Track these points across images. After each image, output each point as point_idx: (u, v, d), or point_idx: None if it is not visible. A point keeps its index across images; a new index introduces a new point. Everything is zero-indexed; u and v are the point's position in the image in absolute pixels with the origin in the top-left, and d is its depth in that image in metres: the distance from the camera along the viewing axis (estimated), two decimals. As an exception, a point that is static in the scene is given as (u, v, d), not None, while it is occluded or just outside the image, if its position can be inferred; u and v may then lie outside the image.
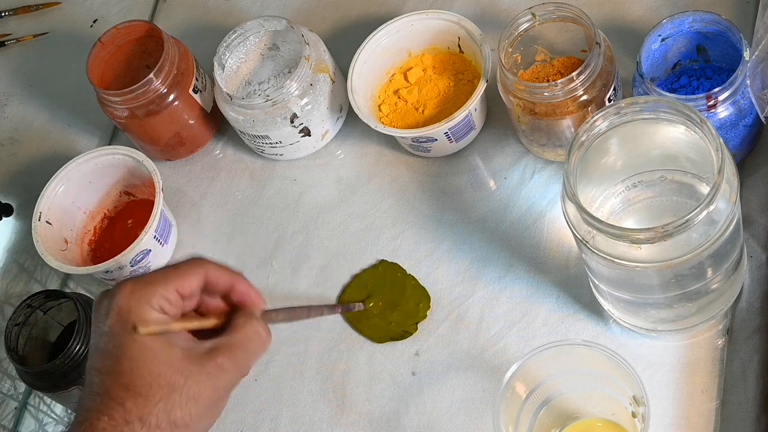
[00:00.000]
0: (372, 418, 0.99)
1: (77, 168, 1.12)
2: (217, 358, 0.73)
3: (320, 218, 1.10)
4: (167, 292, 0.74)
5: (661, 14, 1.06)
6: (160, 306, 0.73)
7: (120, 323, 0.72)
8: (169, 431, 0.71)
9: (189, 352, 0.73)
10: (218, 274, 0.77)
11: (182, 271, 0.75)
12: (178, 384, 0.71)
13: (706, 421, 0.90)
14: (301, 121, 1.08)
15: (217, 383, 0.73)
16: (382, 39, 1.10)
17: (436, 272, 1.03)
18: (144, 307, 0.72)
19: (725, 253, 0.84)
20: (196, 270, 0.76)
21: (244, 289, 0.78)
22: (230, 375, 0.73)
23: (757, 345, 0.90)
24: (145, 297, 0.73)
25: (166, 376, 0.71)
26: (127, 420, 0.70)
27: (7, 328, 1.02)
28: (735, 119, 0.92)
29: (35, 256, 1.11)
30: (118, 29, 1.14)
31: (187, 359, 0.72)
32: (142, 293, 0.73)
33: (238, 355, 0.74)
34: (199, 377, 0.72)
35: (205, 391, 0.72)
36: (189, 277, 0.75)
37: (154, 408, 0.70)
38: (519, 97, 0.98)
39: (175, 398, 0.71)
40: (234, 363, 0.74)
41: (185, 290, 0.75)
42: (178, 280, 0.74)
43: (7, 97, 1.31)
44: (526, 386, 0.88)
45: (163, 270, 0.75)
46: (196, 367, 0.72)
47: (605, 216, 0.88)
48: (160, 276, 0.74)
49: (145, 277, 0.74)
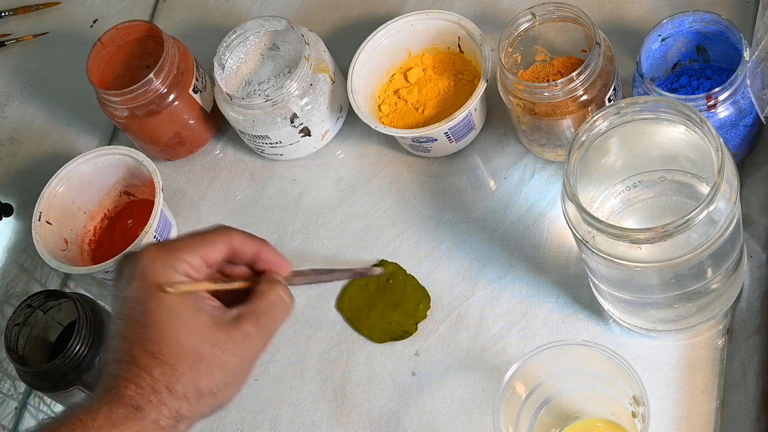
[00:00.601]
0: (372, 418, 0.99)
1: (77, 168, 1.12)
2: (243, 325, 0.72)
3: (320, 218, 1.10)
4: (192, 259, 0.73)
5: (661, 14, 1.06)
6: (185, 271, 0.72)
7: (145, 287, 0.71)
8: (195, 399, 0.70)
9: (216, 320, 0.72)
10: (243, 243, 0.76)
11: (208, 239, 0.74)
12: (205, 353, 0.70)
13: (706, 421, 0.90)
14: (301, 121, 1.08)
15: (244, 351, 0.72)
16: (382, 39, 1.10)
17: (436, 272, 1.03)
18: (169, 271, 0.71)
19: (725, 253, 0.84)
20: (221, 238, 0.75)
21: (269, 257, 0.77)
22: (256, 342, 0.73)
23: (757, 345, 0.90)
24: (170, 261, 0.72)
25: (193, 345, 0.70)
26: (155, 389, 0.69)
27: (7, 328, 1.02)
28: (735, 119, 0.92)
29: (35, 256, 1.11)
30: (118, 29, 1.14)
31: (214, 327, 0.71)
32: (166, 258, 0.72)
33: (263, 322, 0.73)
34: (225, 345, 0.71)
35: (231, 359, 0.71)
36: (215, 245, 0.74)
37: (181, 377, 0.69)
38: (519, 97, 0.98)
39: (202, 367, 0.70)
40: (260, 330, 0.73)
41: (210, 258, 0.74)
42: (204, 248, 0.73)
43: (7, 97, 1.31)
44: (526, 386, 0.88)
45: (188, 236, 0.74)
46: (222, 335, 0.71)
47: (605, 216, 0.88)
48: (185, 242, 0.73)
49: (171, 243, 0.73)
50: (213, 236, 0.75)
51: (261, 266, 0.77)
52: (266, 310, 0.74)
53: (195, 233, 0.75)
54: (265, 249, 0.77)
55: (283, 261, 0.77)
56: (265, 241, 0.77)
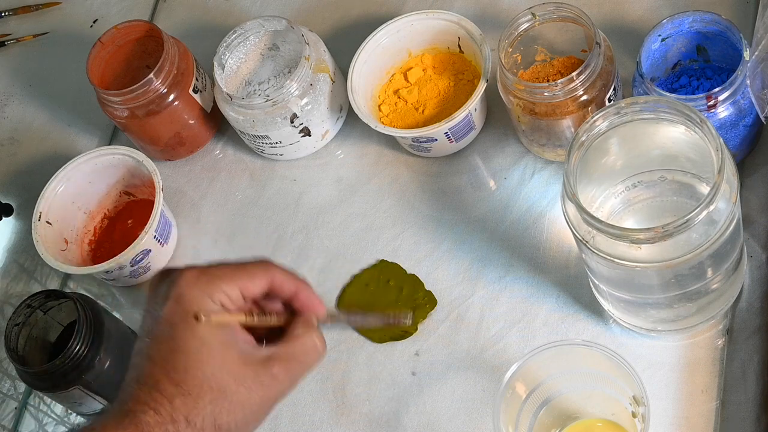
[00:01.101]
0: (372, 418, 0.98)
1: (77, 168, 1.12)
2: (272, 367, 0.71)
3: (320, 218, 1.10)
4: (230, 290, 0.71)
5: (661, 14, 1.06)
6: (221, 301, 0.71)
7: (179, 312, 0.70)
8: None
9: (246, 357, 0.70)
10: (284, 280, 0.74)
11: (249, 272, 0.73)
12: (230, 389, 0.69)
13: (706, 421, 0.90)
14: (301, 121, 1.08)
15: (269, 393, 0.71)
16: (382, 39, 1.10)
17: (436, 272, 1.03)
18: (205, 298, 0.70)
19: (725, 253, 0.84)
20: (263, 273, 0.73)
21: (307, 298, 0.75)
22: (282, 386, 0.72)
23: (757, 345, 0.90)
24: (208, 289, 0.70)
25: (218, 379, 0.69)
26: (174, 418, 0.68)
27: (7, 328, 1.02)
28: (735, 119, 0.92)
29: (35, 256, 1.11)
30: (118, 29, 1.14)
31: (243, 364, 0.70)
32: (205, 285, 0.71)
33: (293, 367, 0.72)
34: (252, 385, 0.70)
35: (254, 399, 0.70)
36: (255, 279, 0.73)
37: (202, 410, 0.68)
38: (519, 97, 0.98)
39: (224, 403, 0.69)
40: (288, 374, 0.72)
41: (249, 291, 0.73)
42: (244, 280, 0.72)
43: (7, 97, 1.31)
44: (526, 386, 0.88)
45: (230, 266, 0.73)
46: (250, 374, 0.70)
47: (605, 216, 0.88)
48: (227, 271, 0.72)
49: (212, 270, 0.72)
50: (255, 269, 0.73)
51: (297, 306, 0.75)
52: (299, 355, 0.73)
53: (237, 263, 0.74)
54: (304, 289, 0.75)
55: (320, 304, 0.76)
56: (305, 281, 0.76)
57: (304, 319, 0.75)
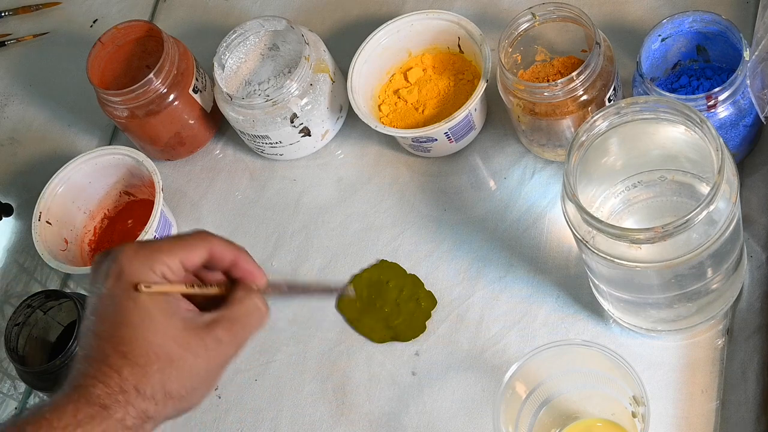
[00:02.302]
0: (372, 418, 0.99)
1: (77, 168, 1.12)
2: (215, 331, 0.72)
3: (320, 218, 1.10)
4: (171, 261, 0.73)
5: (661, 14, 1.06)
6: (162, 273, 0.72)
7: (120, 286, 0.71)
8: (163, 402, 0.70)
9: (189, 323, 0.72)
10: (223, 249, 0.75)
11: (188, 243, 0.74)
12: (176, 356, 0.70)
13: (706, 421, 0.90)
14: (301, 121, 1.09)
15: (215, 357, 0.72)
16: (382, 39, 1.10)
17: (436, 272, 1.03)
18: (146, 271, 0.71)
19: (725, 253, 0.84)
20: (201, 243, 0.75)
21: (246, 265, 0.76)
22: (228, 349, 0.73)
23: (757, 345, 0.90)
24: (148, 262, 0.72)
25: (164, 347, 0.70)
26: (123, 388, 0.69)
27: (7, 328, 1.02)
28: (735, 119, 0.92)
29: (35, 256, 1.12)
30: (118, 29, 1.15)
31: (187, 331, 0.71)
32: (145, 258, 0.72)
33: (236, 330, 0.73)
34: (197, 350, 0.71)
35: (201, 364, 0.71)
36: (194, 250, 0.74)
37: (150, 378, 0.69)
38: (519, 97, 0.98)
39: (172, 370, 0.70)
40: (232, 337, 0.73)
41: (189, 262, 0.74)
42: (183, 251, 0.73)
43: (7, 97, 1.31)
44: (526, 386, 0.88)
45: (168, 239, 0.74)
46: (194, 340, 0.71)
47: (605, 216, 0.88)
48: (165, 244, 0.73)
49: (151, 243, 0.73)
50: (193, 240, 0.74)
51: (237, 274, 0.76)
52: (241, 317, 0.74)
53: (175, 236, 0.75)
54: (243, 257, 0.76)
55: (259, 271, 0.77)
56: (244, 249, 0.77)
57: (245, 284, 0.76)
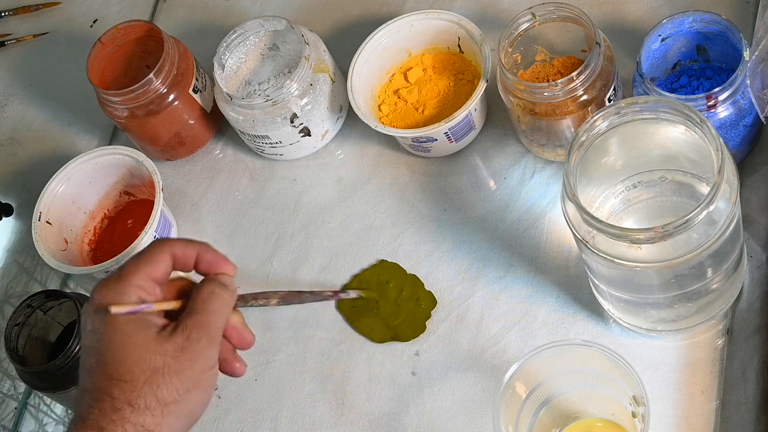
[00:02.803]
0: (372, 418, 0.98)
1: (77, 168, 1.12)
2: (183, 330, 0.74)
3: (320, 218, 1.10)
4: (141, 281, 0.75)
5: (661, 14, 1.06)
6: (137, 295, 0.74)
7: (99, 318, 0.74)
8: (159, 410, 0.72)
9: (162, 333, 0.74)
10: (184, 249, 0.77)
11: (150, 257, 0.76)
12: (157, 364, 0.72)
13: (706, 421, 0.90)
14: (301, 121, 1.09)
15: (193, 353, 0.74)
16: (382, 39, 1.10)
17: (436, 272, 1.03)
18: (119, 297, 0.74)
19: (725, 253, 0.84)
20: (161, 251, 0.76)
21: (210, 258, 0.78)
22: (201, 342, 0.74)
23: (757, 345, 0.90)
24: (120, 290, 0.74)
25: (146, 359, 0.72)
26: (116, 407, 0.71)
27: (7, 328, 1.02)
28: (735, 119, 0.92)
29: (35, 256, 1.11)
30: (118, 29, 1.14)
31: (161, 338, 0.73)
32: (116, 288, 0.74)
33: (200, 320, 0.75)
34: (175, 353, 0.73)
35: (184, 365, 0.73)
36: (157, 260, 0.76)
37: (141, 391, 0.71)
38: (519, 97, 0.98)
39: (159, 378, 0.72)
40: (199, 328, 0.74)
41: (157, 274, 0.76)
42: (148, 267, 0.75)
43: (7, 97, 1.31)
44: (526, 386, 0.88)
45: (132, 260, 0.76)
46: (169, 344, 0.73)
47: (605, 216, 0.88)
48: (130, 267, 0.75)
49: (117, 273, 0.76)
50: (153, 252, 0.77)
51: (203, 267, 0.78)
52: (199, 307, 0.75)
53: (137, 255, 0.77)
54: (204, 250, 0.78)
55: (222, 260, 0.79)
56: (205, 244, 0.79)
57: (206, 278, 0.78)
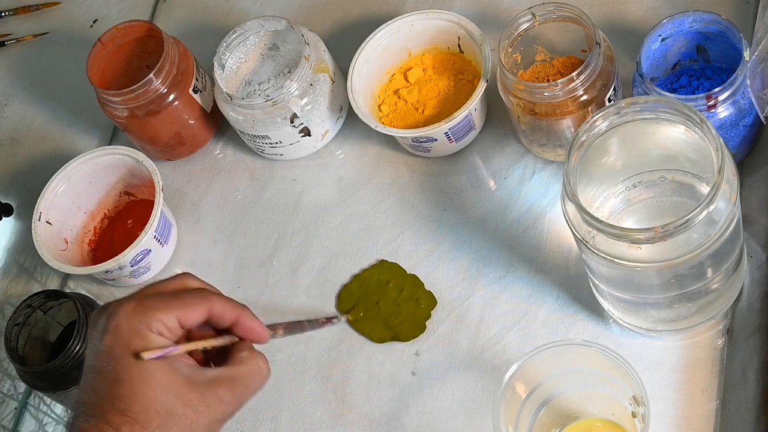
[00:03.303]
0: (372, 418, 0.98)
1: (77, 168, 1.12)
2: (218, 389, 0.72)
3: (320, 218, 1.10)
4: (168, 320, 0.72)
5: (661, 14, 1.06)
6: (159, 331, 0.71)
7: (119, 344, 0.70)
8: None
9: (190, 379, 0.71)
10: (223, 309, 0.75)
11: (187, 302, 0.73)
12: (176, 412, 0.69)
13: (706, 421, 0.90)
14: (301, 121, 1.09)
15: (215, 414, 0.72)
16: (382, 39, 1.10)
17: (436, 272, 1.03)
18: (143, 329, 0.70)
19: (725, 253, 0.84)
20: (201, 302, 0.74)
21: (249, 324, 0.76)
22: (228, 407, 0.72)
23: (757, 345, 0.90)
24: (145, 319, 0.71)
25: (165, 403, 0.69)
26: None
27: (7, 328, 1.02)
28: (735, 119, 0.92)
29: (35, 256, 1.11)
30: (118, 29, 1.14)
31: (188, 386, 0.71)
32: (142, 315, 0.71)
33: (238, 389, 0.73)
34: (198, 407, 0.70)
35: (201, 421, 0.71)
36: (193, 309, 0.73)
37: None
38: (519, 97, 0.98)
39: (172, 426, 0.69)
40: (234, 396, 0.73)
41: (188, 321, 0.73)
42: (181, 310, 0.72)
43: (7, 97, 1.31)
44: (526, 386, 0.88)
45: (168, 295, 0.73)
46: (195, 396, 0.71)
47: (605, 216, 0.88)
48: (163, 301, 0.72)
49: (148, 300, 0.72)
50: (192, 299, 0.73)
51: (239, 332, 0.76)
52: (244, 378, 0.73)
53: (175, 293, 0.74)
54: (244, 316, 0.76)
55: (262, 329, 0.77)
56: (246, 308, 0.76)
57: (247, 343, 0.76)
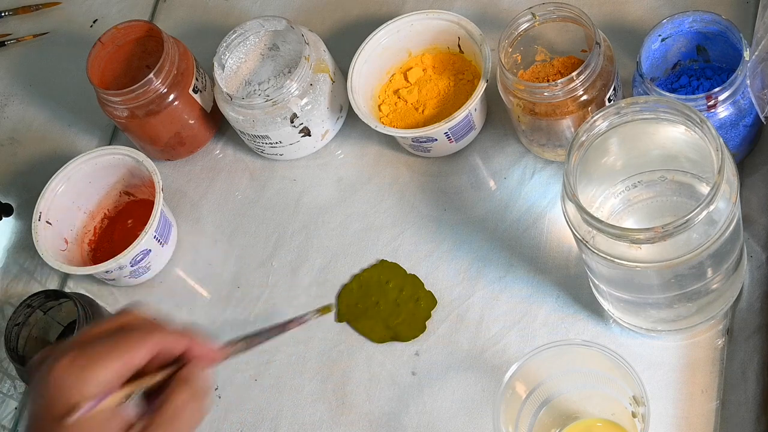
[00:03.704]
0: (372, 418, 0.99)
1: (77, 168, 1.12)
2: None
3: (320, 218, 1.10)
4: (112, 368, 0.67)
5: (661, 14, 1.06)
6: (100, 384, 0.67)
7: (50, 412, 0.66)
8: None
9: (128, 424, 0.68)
10: (170, 342, 0.71)
11: (131, 344, 0.69)
12: None
13: (706, 421, 0.90)
14: (301, 121, 1.09)
15: None
16: (382, 39, 1.10)
17: (436, 272, 1.03)
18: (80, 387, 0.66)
19: (725, 253, 0.84)
20: (144, 342, 0.69)
21: (198, 351, 0.72)
22: None
23: (757, 345, 0.90)
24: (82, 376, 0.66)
25: None
26: None
27: (7, 328, 1.02)
28: (735, 119, 0.93)
29: (35, 256, 1.11)
30: (118, 29, 1.14)
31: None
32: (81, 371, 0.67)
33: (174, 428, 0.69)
34: None
35: None
36: (136, 351, 0.69)
37: None
38: (519, 97, 0.98)
39: None
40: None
41: (134, 363, 0.68)
42: (126, 354, 0.68)
43: (7, 97, 1.31)
44: (526, 386, 0.88)
45: (109, 340, 0.68)
46: None
47: (605, 216, 0.88)
48: (106, 349, 0.68)
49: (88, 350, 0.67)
50: (137, 341, 0.69)
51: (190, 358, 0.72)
52: (171, 418, 0.69)
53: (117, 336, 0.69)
54: (195, 345, 0.72)
55: (212, 352, 0.73)
56: (195, 334, 0.73)
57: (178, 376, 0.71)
